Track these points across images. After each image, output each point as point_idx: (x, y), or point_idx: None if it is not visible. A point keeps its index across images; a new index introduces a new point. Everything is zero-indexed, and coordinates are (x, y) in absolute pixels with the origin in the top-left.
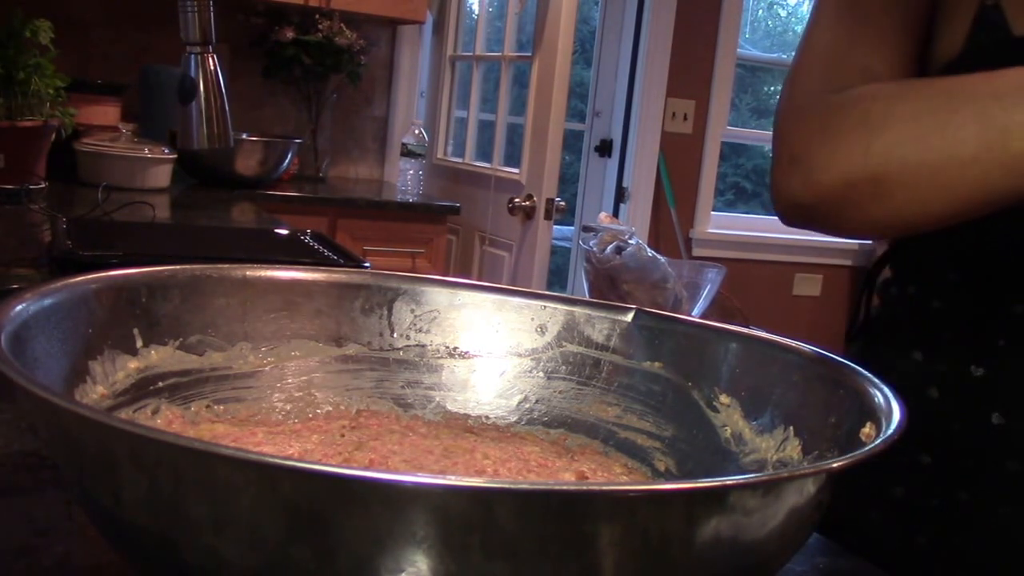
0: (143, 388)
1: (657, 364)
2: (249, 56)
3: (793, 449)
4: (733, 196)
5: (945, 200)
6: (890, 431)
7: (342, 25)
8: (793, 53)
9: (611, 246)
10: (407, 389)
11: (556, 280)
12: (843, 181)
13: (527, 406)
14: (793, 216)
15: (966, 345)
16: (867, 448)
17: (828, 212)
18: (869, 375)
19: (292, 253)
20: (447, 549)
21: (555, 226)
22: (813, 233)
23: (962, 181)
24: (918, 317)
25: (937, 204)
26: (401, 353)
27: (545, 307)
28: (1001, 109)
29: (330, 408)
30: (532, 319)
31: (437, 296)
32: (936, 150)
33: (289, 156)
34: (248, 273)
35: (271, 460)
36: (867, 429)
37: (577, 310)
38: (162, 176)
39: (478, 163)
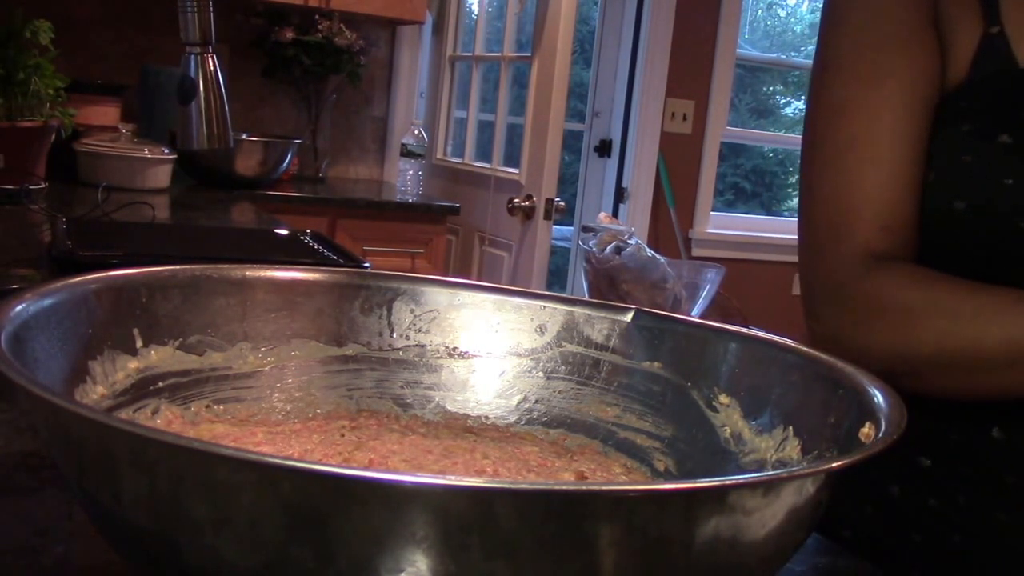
0: (143, 388)
1: (656, 364)
2: (249, 56)
3: (792, 449)
4: (732, 196)
5: (974, 385)
6: (889, 431)
7: (342, 25)
8: (792, 54)
9: (610, 246)
10: (407, 389)
11: (556, 280)
12: (880, 363)
13: (527, 406)
14: None
15: None
16: (866, 448)
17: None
18: (868, 375)
19: (292, 253)
20: (447, 549)
21: (555, 226)
22: None
23: (992, 373)
24: None
25: (968, 389)
26: (401, 353)
27: (544, 307)
28: None
29: (330, 408)
30: (532, 319)
31: (437, 296)
32: (967, 344)
33: (289, 156)
34: (248, 273)
35: (271, 460)
36: (866, 429)
37: (576, 310)
38: (162, 176)
39: (478, 163)
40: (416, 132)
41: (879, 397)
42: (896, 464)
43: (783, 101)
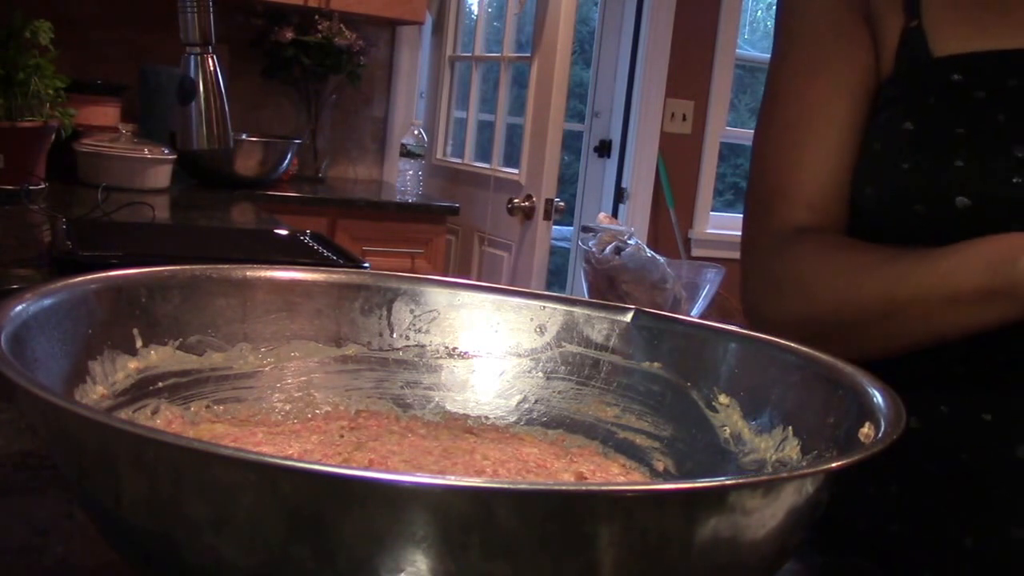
0: (143, 388)
1: (656, 364)
2: (249, 56)
3: (792, 449)
4: (732, 196)
5: (864, 342)
6: (889, 431)
7: (341, 26)
8: None
9: (610, 246)
10: (406, 389)
11: (555, 280)
12: (791, 330)
13: (526, 406)
14: None
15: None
16: (866, 448)
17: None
18: (868, 375)
19: (292, 254)
20: (446, 549)
21: (554, 226)
22: None
23: (873, 326)
24: None
25: (862, 346)
26: (400, 353)
27: (544, 307)
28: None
29: (329, 408)
30: (531, 319)
31: (436, 296)
32: (847, 301)
33: (288, 156)
34: (248, 273)
35: (271, 460)
36: (866, 429)
37: (576, 310)
38: (162, 177)
39: (477, 163)
40: (416, 132)
41: (878, 397)
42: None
43: None
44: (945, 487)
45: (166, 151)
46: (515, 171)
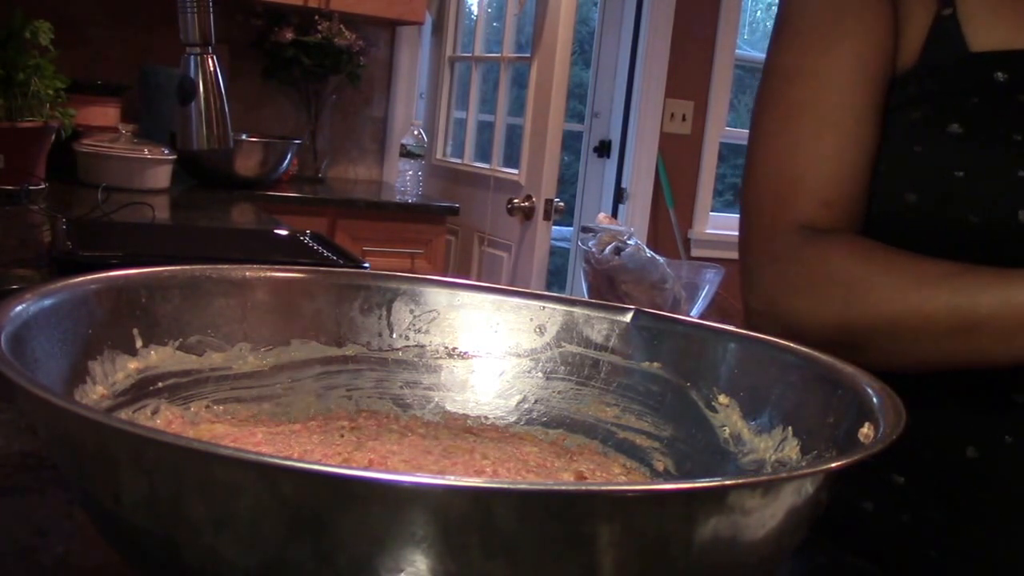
0: (143, 388)
1: (656, 364)
2: (248, 57)
3: (792, 449)
4: (732, 197)
5: (919, 355)
6: (888, 431)
7: (341, 26)
8: None
9: (610, 247)
10: (406, 389)
11: (555, 281)
12: (820, 335)
13: (526, 406)
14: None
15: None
16: (866, 448)
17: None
18: (867, 375)
19: (291, 254)
20: (446, 549)
21: (554, 227)
22: None
23: (937, 342)
24: None
25: (912, 359)
26: (400, 353)
27: (544, 307)
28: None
29: (330, 408)
30: (531, 319)
31: (436, 296)
32: (911, 312)
33: (288, 157)
34: (248, 273)
35: (271, 460)
36: (865, 429)
37: (576, 310)
38: (162, 177)
39: (477, 164)
40: (416, 132)
41: (878, 397)
42: (871, 481)
43: None
44: (997, 517)
45: (166, 151)
46: (515, 171)
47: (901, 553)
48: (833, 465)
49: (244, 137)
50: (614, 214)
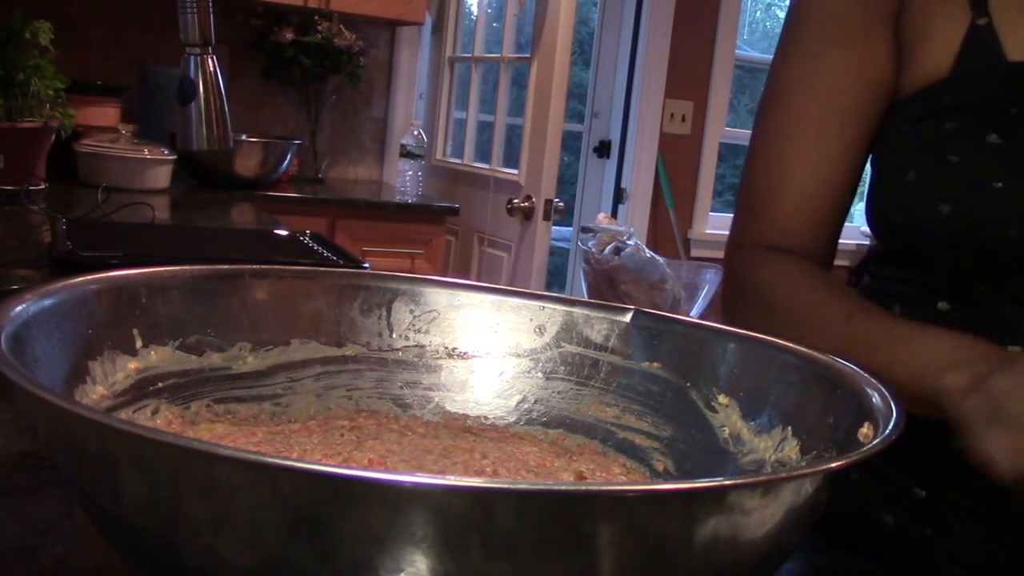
0: (143, 388)
1: (656, 364)
2: (248, 57)
3: (791, 449)
4: (731, 197)
5: None
6: (888, 431)
7: (341, 26)
8: None
9: (610, 247)
10: (406, 389)
11: (555, 281)
12: None
13: (526, 406)
14: None
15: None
16: (865, 448)
17: None
18: (867, 375)
19: (291, 254)
20: (446, 549)
21: (554, 227)
22: None
23: None
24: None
25: None
26: (400, 353)
27: (544, 308)
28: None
29: (329, 408)
30: (531, 320)
31: (436, 297)
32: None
33: (288, 157)
34: (248, 273)
35: (271, 460)
36: (865, 429)
37: (576, 311)
38: (162, 177)
39: (477, 164)
40: (415, 133)
41: (877, 398)
42: (893, 494)
43: None
44: (1021, 533)
45: (166, 151)
46: (515, 171)
47: (923, 569)
48: (833, 465)
49: (244, 137)
50: (614, 214)
